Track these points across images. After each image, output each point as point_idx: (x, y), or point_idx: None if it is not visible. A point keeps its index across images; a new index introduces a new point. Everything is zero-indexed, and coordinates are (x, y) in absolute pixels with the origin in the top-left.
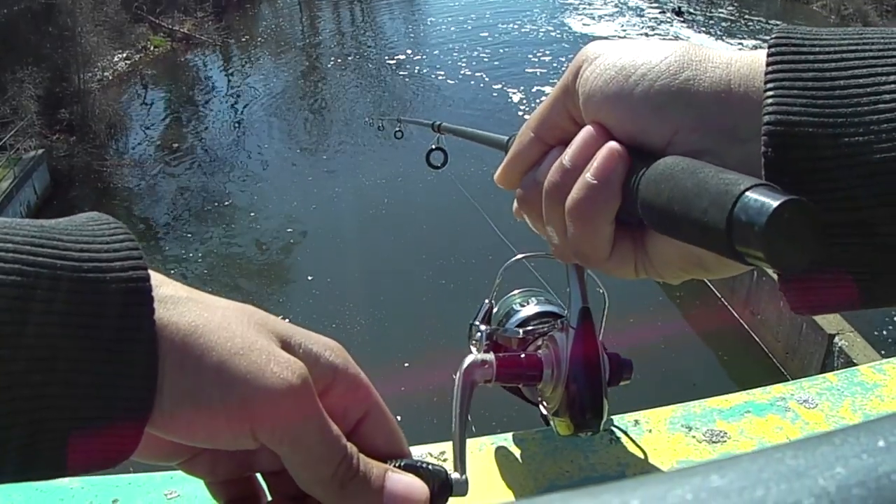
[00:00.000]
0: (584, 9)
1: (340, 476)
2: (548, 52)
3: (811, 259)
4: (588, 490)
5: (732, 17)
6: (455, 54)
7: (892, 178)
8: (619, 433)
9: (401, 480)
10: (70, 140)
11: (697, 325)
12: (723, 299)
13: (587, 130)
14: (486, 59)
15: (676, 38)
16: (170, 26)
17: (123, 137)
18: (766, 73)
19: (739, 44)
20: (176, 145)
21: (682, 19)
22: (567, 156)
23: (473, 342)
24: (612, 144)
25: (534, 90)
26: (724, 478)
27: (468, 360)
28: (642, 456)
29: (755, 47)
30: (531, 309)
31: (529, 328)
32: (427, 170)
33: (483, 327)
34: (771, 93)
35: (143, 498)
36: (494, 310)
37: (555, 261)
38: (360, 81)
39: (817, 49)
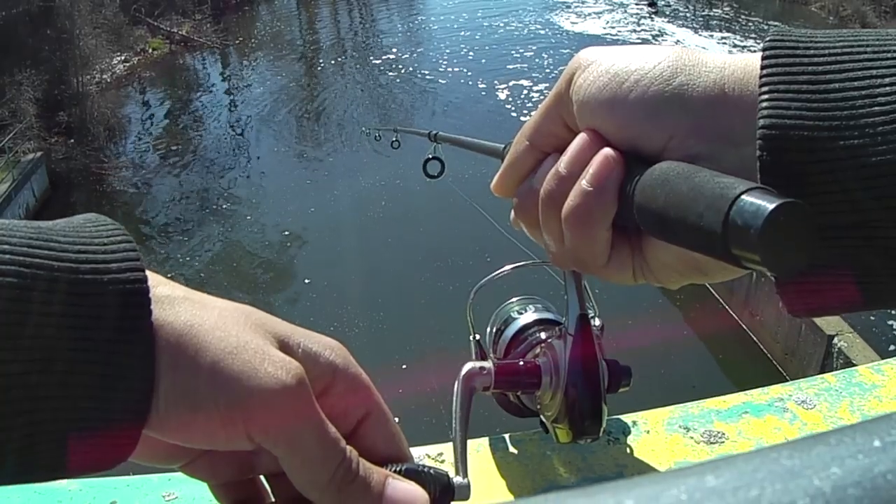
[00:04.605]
0: (576, 6)
1: (338, 480)
2: (531, 49)
3: (807, 262)
4: (584, 490)
5: (729, 17)
6: (449, 54)
7: (890, 181)
8: (617, 434)
9: (401, 487)
10: (69, 142)
11: (697, 327)
12: (722, 301)
13: (582, 137)
14: (475, 60)
15: (661, 32)
16: (168, 29)
17: (122, 140)
18: (761, 77)
19: (720, 40)
20: (174, 148)
21: (654, 10)
22: (562, 163)
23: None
24: (607, 151)
25: (524, 93)
26: (719, 478)
27: (467, 367)
28: (640, 457)
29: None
30: (529, 316)
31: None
32: (424, 176)
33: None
34: (765, 96)
35: (142, 500)
36: (488, 328)
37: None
38: (357, 84)
39: (812, 51)
